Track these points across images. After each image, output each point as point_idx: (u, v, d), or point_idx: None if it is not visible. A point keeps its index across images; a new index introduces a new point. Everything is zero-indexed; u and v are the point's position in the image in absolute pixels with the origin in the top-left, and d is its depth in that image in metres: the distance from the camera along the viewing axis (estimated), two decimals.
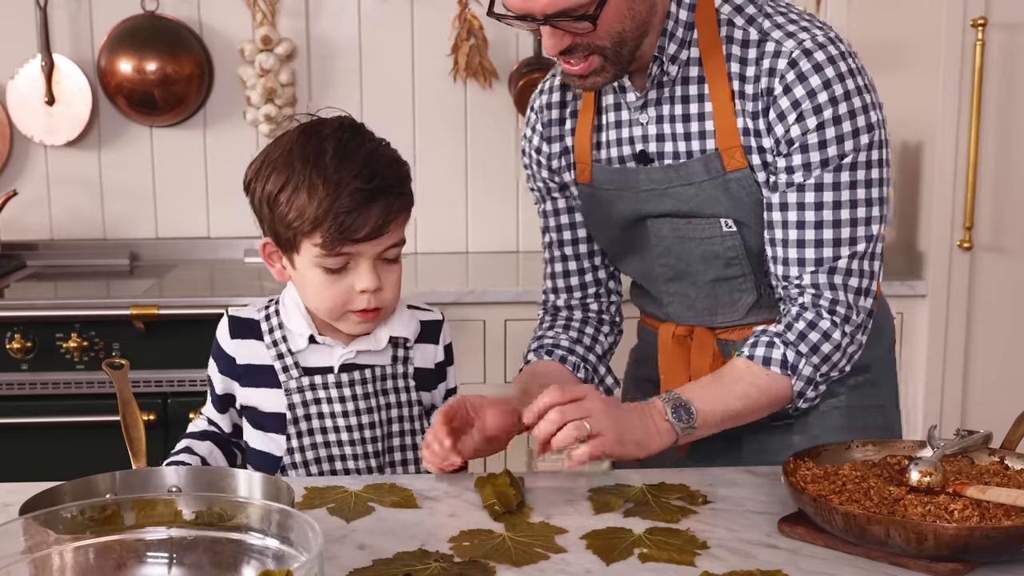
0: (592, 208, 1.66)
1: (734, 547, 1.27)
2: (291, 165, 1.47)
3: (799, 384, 1.51)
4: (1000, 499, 1.24)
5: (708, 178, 1.53)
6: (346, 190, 1.44)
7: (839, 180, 1.48)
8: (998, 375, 2.89)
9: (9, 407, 2.66)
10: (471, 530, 1.31)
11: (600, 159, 1.63)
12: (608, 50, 1.45)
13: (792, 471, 1.35)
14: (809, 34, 1.47)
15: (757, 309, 1.61)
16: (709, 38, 1.51)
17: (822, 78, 1.45)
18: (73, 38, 3.20)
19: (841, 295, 1.50)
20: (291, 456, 1.57)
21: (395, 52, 3.25)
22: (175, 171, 3.28)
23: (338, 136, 1.49)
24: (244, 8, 3.20)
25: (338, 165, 1.46)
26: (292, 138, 1.50)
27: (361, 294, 1.50)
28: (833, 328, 1.50)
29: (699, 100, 1.53)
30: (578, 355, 1.68)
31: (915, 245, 2.94)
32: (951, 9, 2.75)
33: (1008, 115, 2.80)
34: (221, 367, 1.60)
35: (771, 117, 1.48)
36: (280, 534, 1.02)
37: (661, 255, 1.62)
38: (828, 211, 1.48)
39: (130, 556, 1.05)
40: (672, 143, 1.56)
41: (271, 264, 1.56)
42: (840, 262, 1.50)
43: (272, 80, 3.14)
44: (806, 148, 1.47)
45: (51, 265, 3.19)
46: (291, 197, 1.46)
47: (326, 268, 1.49)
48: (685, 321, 1.66)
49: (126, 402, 1.45)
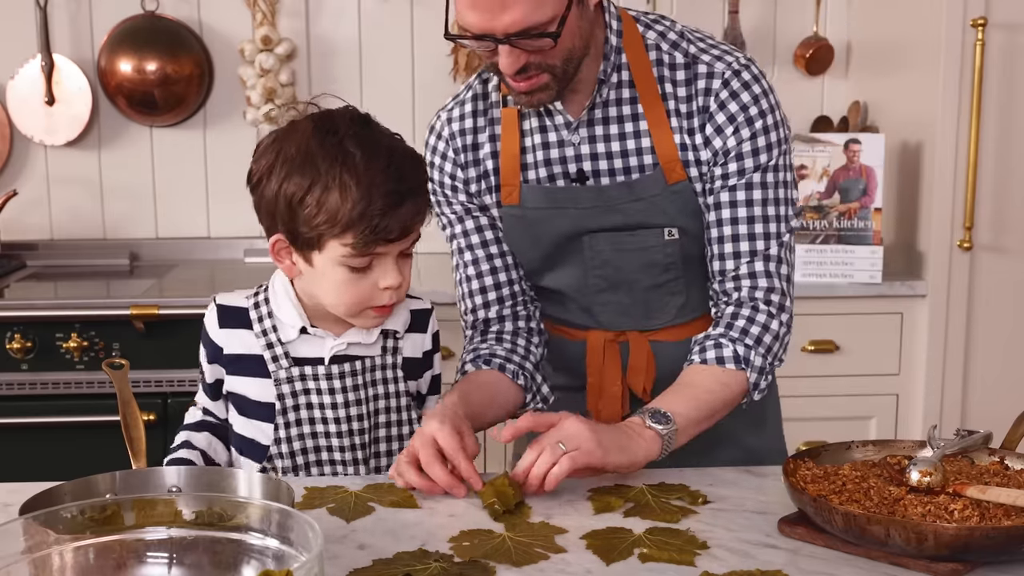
0: (520, 228, 1.68)
1: (734, 547, 1.27)
2: (315, 165, 1.44)
3: (753, 375, 1.58)
4: (1000, 499, 1.24)
5: (658, 192, 1.60)
6: (379, 192, 1.44)
7: (765, 180, 1.60)
8: (998, 375, 2.90)
9: (9, 407, 2.66)
10: (471, 530, 1.31)
11: (529, 179, 1.65)
12: (557, 68, 1.51)
13: (792, 471, 1.35)
14: (733, 56, 1.61)
15: (685, 309, 1.69)
16: (639, 61, 1.60)
17: (751, 94, 1.59)
18: (73, 38, 3.20)
19: (776, 283, 1.61)
20: (278, 446, 1.56)
21: (395, 52, 3.25)
22: (175, 171, 3.28)
23: (355, 132, 1.48)
24: (244, 8, 3.20)
25: (367, 165, 1.44)
26: (307, 134, 1.47)
27: (384, 290, 1.50)
28: (771, 319, 1.59)
29: (633, 119, 1.61)
30: (515, 363, 1.67)
31: (915, 245, 2.94)
32: (951, 9, 2.75)
33: (1008, 115, 2.80)
34: (209, 355, 1.59)
35: (708, 132, 1.60)
36: (280, 534, 1.02)
37: (597, 267, 1.66)
38: (758, 207, 1.60)
39: (130, 556, 1.05)
40: (608, 161, 1.62)
41: (280, 260, 1.54)
42: (772, 251, 1.61)
43: (272, 80, 3.14)
44: (741, 156, 1.59)
45: (51, 265, 3.18)
46: (321, 198, 1.44)
47: (352, 267, 1.48)
48: (616, 327, 1.70)
49: (126, 402, 1.45)
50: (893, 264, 3.00)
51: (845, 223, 2.87)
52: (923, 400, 2.88)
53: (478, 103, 1.70)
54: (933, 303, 2.85)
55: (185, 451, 1.59)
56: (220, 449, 1.63)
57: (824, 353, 2.85)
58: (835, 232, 2.87)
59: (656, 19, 1.65)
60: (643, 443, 1.44)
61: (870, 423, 2.91)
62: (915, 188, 2.93)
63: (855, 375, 2.89)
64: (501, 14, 1.42)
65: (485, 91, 1.69)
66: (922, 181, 2.90)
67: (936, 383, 2.88)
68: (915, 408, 2.91)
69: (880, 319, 2.87)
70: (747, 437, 1.72)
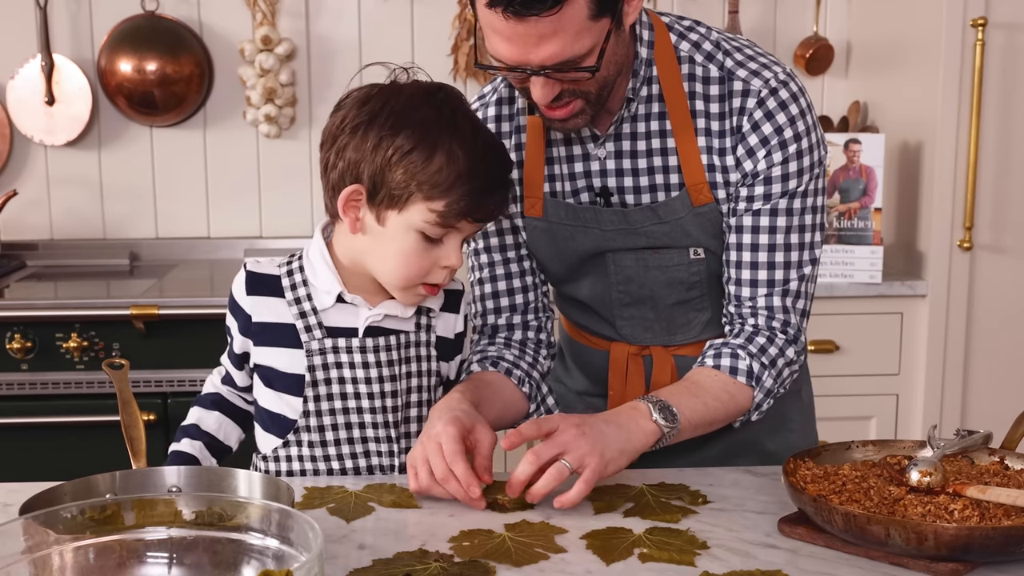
0: (544, 241, 1.65)
1: (734, 547, 1.27)
2: (427, 127, 1.42)
3: (759, 395, 1.54)
4: (1000, 499, 1.24)
5: (683, 214, 1.56)
6: (484, 170, 1.43)
7: (792, 207, 1.54)
8: (998, 375, 2.90)
9: (9, 407, 2.66)
10: (471, 530, 1.31)
11: (554, 192, 1.62)
12: (592, 95, 1.46)
13: (792, 471, 1.35)
14: (772, 72, 1.52)
15: (711, 326, 1.65)
16: (670, 75, 1.53)
17: (788, 115, 1.51)
18: (73, 38, 3.20)
19: (792, 318, 1.56)
20: (307, 419, 1.53)
21: (395, 52, 3.25)
22: (175, 171, 3.28)
23: (467, 111, 1.47)
24: (244, 8, 3.20)
25: (475, 143, 1.44)
26: (417, 96, 1.46)
27: (443, 269, 1.48)
28: (787, 346, 1.56)
29: (661, 136, 1.55)
30: (522, 370, 1.65)
31: (915, 245, 2.94)
32: (951, 9, 2.75)
33: (1008, 115, 2.80)
34: (241, 326, 1.55)
35: (739, 153, 1.52)
36: (280, 534, 1.02)
37: (621, 283, 1.63)
38: (781, 235, 1.54)
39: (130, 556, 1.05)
40: (633, 178, 1.57)
41: (346, 213, 1.47)
42: (791, 284, 1.56)
43: (272, 80, 3.14)
44: (770, 180, 1.52)
45: (51, 265, 3.18)
46: (428, 158, 1.41)
47: (425, 236, 1.45)
48: (640, 342, 1.67)
49: (126, 402, 1.45)
50: (893, 264, 3.00)
51: (845, 223, 2.87)
52: (923, 400, 2.88)
53: (503, 108, 1.65)
54: (933, 303, 2.85)
55: (188, 442, 1.57)
56: (232, 429, 1.62)
57: (824, 353, 2.85)
58: (835, 232, 2.87)
59: (691, 26, 1.57)
60: (642, 438, 1.42)
61: (870, 423, 2.91)
62: (915, 188, 2.93)
63: (855, 375, 2.89)
64: (537, 48, 1.36)
65: (511, 95, 1.64)
66: (922, 181, 2.90)
67: (936, 383, 2.88)
68: (915, 408, 2.91)
69: (880, 319, 2.87)
70: (767, 443, 1.69)
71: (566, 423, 1.39)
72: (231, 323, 1.56)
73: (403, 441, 1.56)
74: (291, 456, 1.54)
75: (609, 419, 1.42)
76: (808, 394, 1.77)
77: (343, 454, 1.55)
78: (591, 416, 1.43)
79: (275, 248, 3.12)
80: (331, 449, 1.54)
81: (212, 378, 1.65)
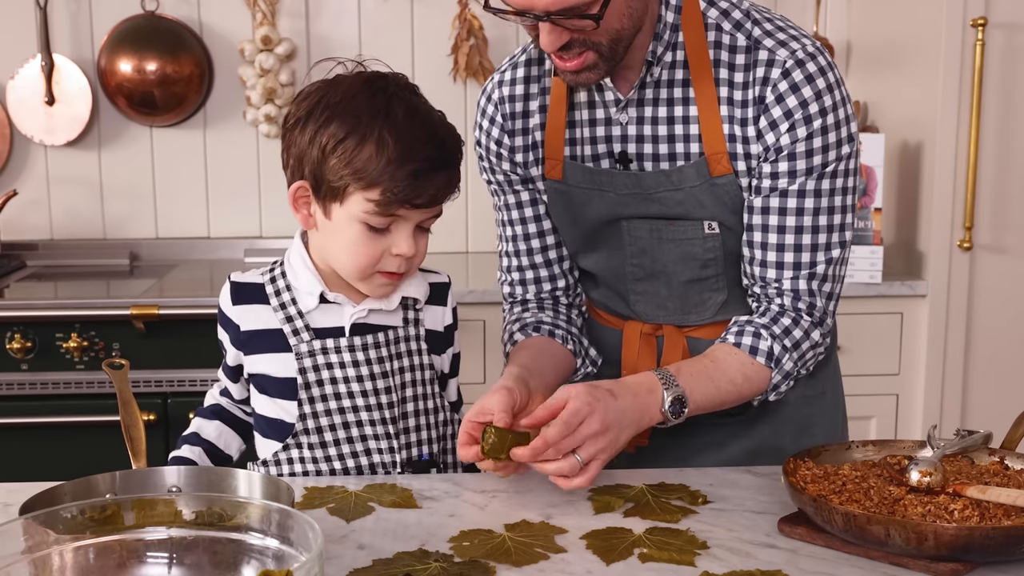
0: (562, 205, 1.64)
1: (734, 547, 1.27)
2: (357, 116, 1.43)
3: (777, 377, 1.54)
4: (1000, 499, 1.24)
5: (698, 183, 1.53)
6: (416, 155, 1.42)
7: (820, 187, 1.50)
8: (998, 375, 2.90)
9: (9, 407, 2.66)
10: (471, 530, 1.31)
11: (575, 156, 1.61)
12: (604, 47, 1.44)
13: (792, 471, 1.35)
14: (800, 43, 1.49)
15: (726, 308, 1.63)
16: (696, 42, 1.51)
17: (814, 89, 1.47)
18: (73, 38, 3.20)
19: (818, 301, 1.55)
20: (304, 422, 1.53)
21: (395, 52, 3.25)
22: (175, 171, 3.28)
23: (406, 96, 1.46)
24: (244, 8, 3.20)
25: (410, 126, 1.43)
26: (354, 86, 1.46)
27: (395, 257, 1.47)
28: (813, 328, 1.54)
29: (684, 103, 1.53)
30: (563, 328, 1.66)
31: (915, 245, 2.94)
32: (951, 9, 2.75)
33: (1008, 115, 2.80)
34: (232, 337, 1.56)
35: (762, 125, 1.49)
36: (280, 534, 1.02)
37: (635, 255, 1.61)
38: (808, 217, 1.51)
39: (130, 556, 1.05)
40: (653, 145, 1.56)
41: (297, 210, 1.50)
42: (818, 267, 1.53)
43: (272, 80, 3.14)
44: (794, 156, 1.49)
45: (51, 265, 3.19)
46: (356, 147, 1.42)
47: (369, 226, 1.45)
48: (653, 319, 1.66)
49: (126, 402, 1.45)
50: (893, 264, 3.00)
51: None
52: (923, 400, 2.88)
53: (531, 69, 1.64)
54: (933, 303, 2.85)
55: (188, 448, 1.58)
56: (232, 438, 1.62)
57: None
58: None
59: None
60: (647, 417, 1.43)
61: (870, 423, 2.91)
62: (915, 188, 2.93)
63: (855, 375, 2.88)
64: None
65: (541, 56, 1.62)
66: (922, 181, 2.90)
67: (936, 383, 2.88)
68: (915, 408, 2.91)
69: (880, 319, 2.87)
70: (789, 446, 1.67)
71: (578, 410, 1.36)
72: (223, 337, 1.58)
73: (402, 437, 1.56)
74: (292, 459, 1.55)
75: (628, 404, 1.41)
76: (835, 396, 1.75)
77: (343, 454, 1.55)
78: (614, 401, 1.40)
79: (275, 248, 3.13)
80: (331, 450, 1.54)
81: (212, 391, 1.66)
